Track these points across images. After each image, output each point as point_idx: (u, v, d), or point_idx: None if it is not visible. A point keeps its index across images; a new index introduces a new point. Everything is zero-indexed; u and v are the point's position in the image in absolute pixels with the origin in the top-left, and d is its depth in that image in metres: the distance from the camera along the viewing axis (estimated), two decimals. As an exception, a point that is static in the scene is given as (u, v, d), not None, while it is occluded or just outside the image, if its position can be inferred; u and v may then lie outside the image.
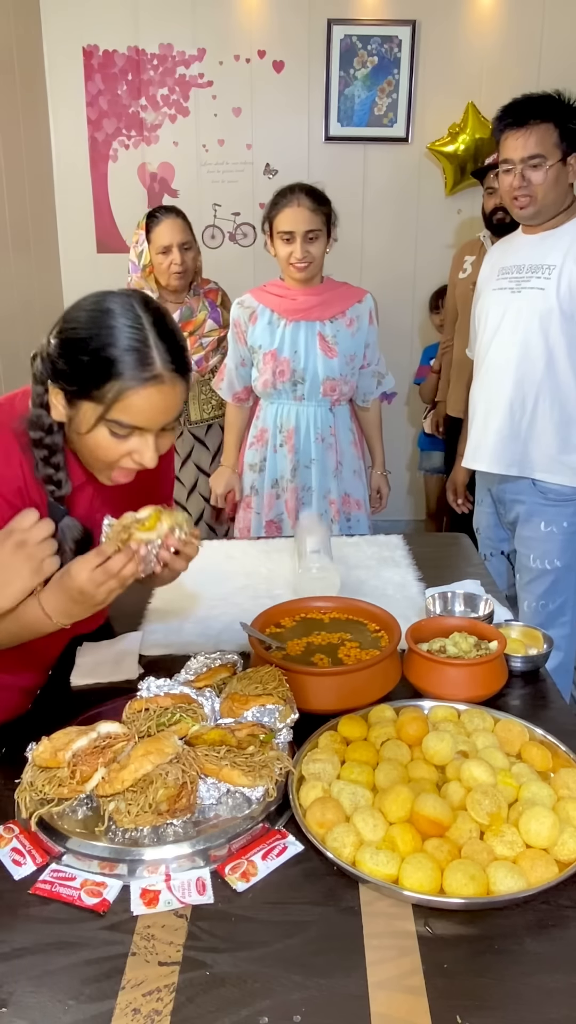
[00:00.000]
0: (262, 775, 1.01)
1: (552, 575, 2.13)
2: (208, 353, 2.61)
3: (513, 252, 2.15)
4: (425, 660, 1.29)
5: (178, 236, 2.49)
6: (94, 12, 3.79)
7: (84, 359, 1.07)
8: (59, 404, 1.13)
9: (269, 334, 2.34)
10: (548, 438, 2.08)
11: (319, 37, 3.81)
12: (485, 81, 3.86)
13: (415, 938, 0.86)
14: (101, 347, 1.06)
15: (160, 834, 0.97)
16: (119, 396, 1.07)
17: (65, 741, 1.03)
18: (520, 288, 2.08)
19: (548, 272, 2.03)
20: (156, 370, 1.07)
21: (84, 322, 1.09)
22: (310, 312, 2.31)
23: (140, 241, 2.55)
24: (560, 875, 0.92)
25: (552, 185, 1.98)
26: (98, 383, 1.07)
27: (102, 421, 1.09)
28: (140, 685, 1.16)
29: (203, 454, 2.67)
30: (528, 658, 1.39)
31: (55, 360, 1.10)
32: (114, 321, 1.07)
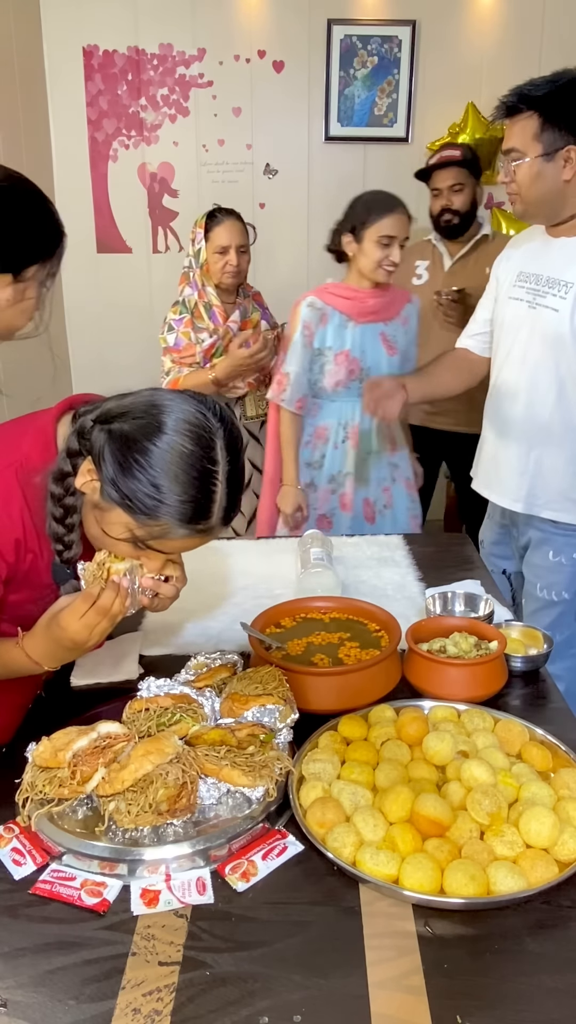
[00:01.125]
0: (262, 775, 1.01)
1: (559, 607, 2.00)
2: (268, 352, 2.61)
3: (533, 255, 1.96)
4: (425, 660, 1.29)
5: (236, 238, 2.52)
6: (94, 12, 3.78)
7: (139, 487, 1.00)
8: (91, 485, 1.05)
9: (340, 335, 2.41)
10: (557, 475, 1.92)
11: (319, 37, 3.80)
12: (485, 81, 3.86)
13: (415, 938, 0.86)
14: (162, 487, 0.99)
15: (160, 834, 0.97)
16: (163, 535, 1.03)
17: (65, 741, 1.03)
18: (535, 303, 1.90)
19: (564, 290, 1.84)
20: (211, 524, 1.04)
21: (152, 447, 0.99)
22: (378, 314, 2.42)
23: (198, 239, 2.56)
24: (560, 875, 0.92)
25: (531, 182, 1.78)
26: (145, 513, 1.01)
27: (131, 535, 1.04)
28: (140, 685, 1.16)
29: (258, 451, 2.66)
30: (528, 658, 1.39)
31: (105, 452, 1.02)
32: (189, 467, 1.00)
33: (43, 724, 1.12)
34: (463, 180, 2.86)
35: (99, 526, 1.07)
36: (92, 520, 1.09)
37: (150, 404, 1.03)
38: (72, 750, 1.01)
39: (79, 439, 1.06)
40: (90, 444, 1.04)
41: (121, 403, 1.05)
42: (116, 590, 1.06)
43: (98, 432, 1.03)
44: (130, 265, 4.06)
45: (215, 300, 2.57)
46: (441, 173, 2.89)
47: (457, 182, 2.85)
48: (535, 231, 2.00)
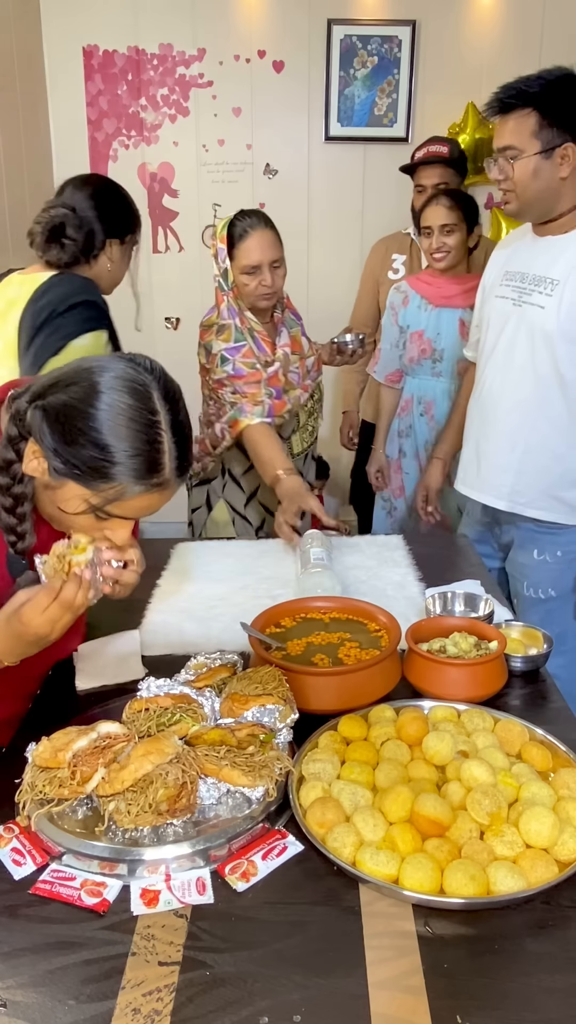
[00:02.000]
0: (262, 775, 1.01)
1: (547, 605, 2.01)
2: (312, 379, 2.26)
3: (520, 255, 1.96)
4: (425, 660, 1.29)
5: (269, 252, 2.00)
6: (94, 12, 3.78)
7: (86, 452, 1.00)
8: (39, 466, 1.04)
9: (417, 316, 2.61)
10: (540, 472, 1.91)
11: (319, 37, 3.80)
12: (485, 81, 3.86)
13: (415, 938, 0.86)
14: (110, 447, 0.99)
15: (160, 834, 0.97)
16: (119, 497, 1.02)
17: (65, 741, 1.03)
18: (521, 301, 1.89)
19: (550, 288, 1.82)
20: (164, 477, 1.04)
21: (92, 411, 0.99)
22: (453, 299, 2.53)
23: (223, 257, 2.05)
24: (560, 875, 0.92)
25: (529, 180, 1.75)
26: (98, 478, 1.01)
27: (87, 505, 1.04)
28: (140, 685, 1.16)
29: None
30: (528, 658, 1.39)
31: (45, 429, 1.01)
32: (130, 421, 1.00)
33: (43, 724, 1.13)
34: (448, 179, 2.83)
35: (55, 505, 1.06)
36: (47, 502, 1.08)
37: (79, 369, 1.03)
38: (72, 750, 1.01)
39: (16, 423, 1.05)
40: (28, 425, 1.04)
41: (50, 376, 1.05)
42: (78, 583, 1.05)
43: (32, 411, 1.03)
44: (130, 265, 4.06)
45: (257, 326, 2.10)
46: (427, 170, 2.85)
47: (443, 181, 2.82)
48: (520, 232, 2.01)
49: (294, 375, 2.16)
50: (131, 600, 1.62)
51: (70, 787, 0.99)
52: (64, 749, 1.01)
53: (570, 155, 1.74)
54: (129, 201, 1.97)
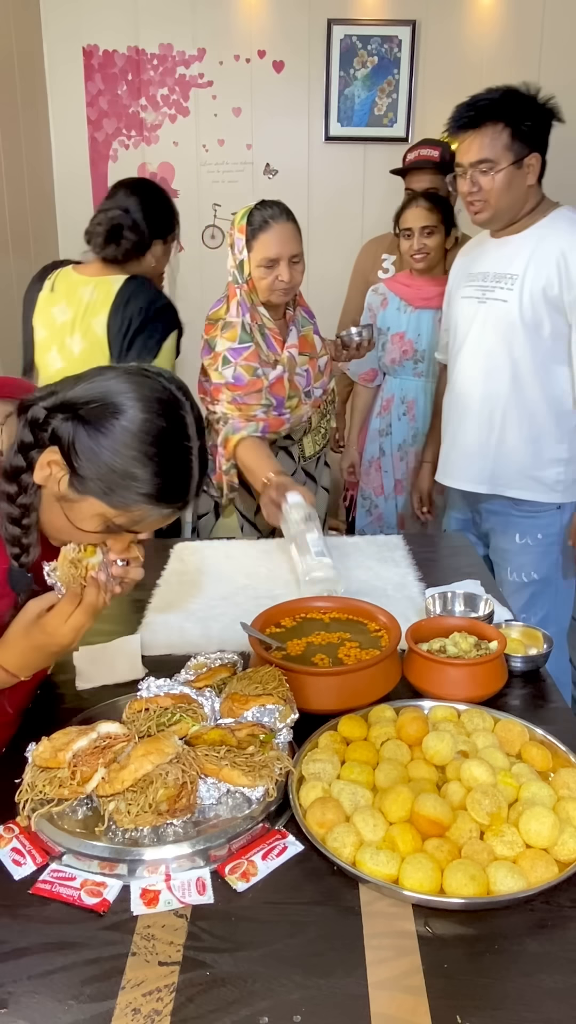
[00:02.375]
0: (262, 775, 1.01)
1: (531, 588, 2.09)
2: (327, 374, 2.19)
3: (480, 257, 2.09)
4: (425, 660, 1.29)
5: (289, 247, 1.93)
6: (94, 12, 3.78)
7: (119, 472, 0.98)
8: (55, 477, 1.01)
9: (397, 318, 2.66)
10: (518, 455, 2.03)
11: (319, 37, 3.80)
12: (485, 81, 3.83)
13: (415, 938, 0.86)
14: (143, 470, 0.98)
15: (160, 834, 0.97)
16: (141, 519, 1.02)
17: (65, 741, 1.02)
18: (485, 298, 2.03)
19: (511, 282, 1.97)
20: (186, 500, 1.04)
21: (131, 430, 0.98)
22: (432, 300, 2.56)
23: (239, 248, 1.97)
24: (560, 875, 0.92)
25: (504, 190, 1.90)
26: (124, 499, 0.99)
27: (108, 523, 1.03)
28: (140, 685, 1.16)
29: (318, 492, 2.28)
30: (528, 658, 1.39)
31: (79, 443, 0.99)
32: (168, 447, 0.99)
33: (43, 724, 1.13)
34: (439, 184, 2.80)
35: (67, 519, 1.04)
36: (56, 514, 1.05)
37: (116, 389, 1.00)
38: (72, 750, 1.01)
39: (34, 431, 1.02)
40: (50, 434, 1.01)
41: (80, 390, 1.02)
42: (97, 586, 1.05)
43: (63, 422, 1.00)
44: (130, 265, 4.05)
45: (268, 323, 2.03)
46: (418, 174, 2.86)
47: (433, 186, 2.81)
48: (479, 239, 2.16)
49: (301, 378, 2.09)
50: (131, 600, 1.63)
51: (70, 787, 0.99)
52: (64, 749, 1.01)
53: (534, 163, 1.92)
54: (171, 203, 2.23)
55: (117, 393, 1.00)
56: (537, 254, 1.93)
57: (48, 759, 1.02)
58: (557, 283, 1.90)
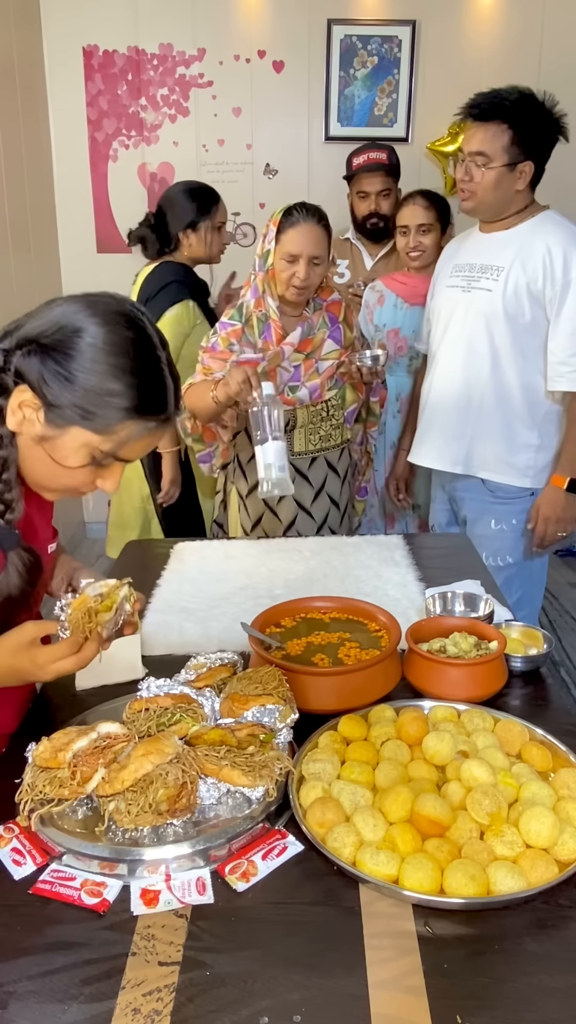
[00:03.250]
0: (262, 775, 1.01)
1: (506, 571, 2.19)
2: (324, 381, 2.15)
3: (467, 249, 2.17)
4: (425, 660, 1.29)
5: (311, 247, 1.98)
6: (94, 12, 3.79)
7: (93, 390, 0.97)
8: (29, 419, 0.99)
9: (393, 315, 2.69)
10: (494, 439, 2.12)
11: (319, 37, 3.81)
12: (485, 81, 3.84)
13: (415, 938, 0.86)
14: (118, 381, 0.97)
15: (160, 834, 0.97)
16: (128, 440, 1.01)
17: (65, 741, 1.02)
18: (470, 287, 2.11)
19: (496, 274, 2.05)
20: (168, 412, 1.04)
21: (96, 345, 0.97)
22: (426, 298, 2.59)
23: (269, 238, 2.04)
24: (560, 875, 0.92)
25: (492, 186, 1.99)
26: (108, 418, 0.98)
27: (95, 453, 1.01)
28: (140, 685, 1.16)
29: (305, 489, 2.23)
30: (528, 658, 1.39)
31: (44, 372, 0.97)
32: (136, 355, 0.99)
33: (43, 724, 1.12)
34: (390, 186, 2.90)
35: (51, 460, 1.02)
36: (38, 460, 1.03)
37: (71, 311, 0.99)
38: (72, 750, 1.01)
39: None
40: (15, 374, 0.99)
41: (35, 323, 1.00)
42: (98, 643, 1.06)
43: (25, 358, 0.98)
44: (130, 265, 4.04)
45: (273, 314, 2.06)
46: (369, 177, 2.89)
47: (385, 188, 2.88)
48: (466, 233, 2.23)
49: (286, 372, 2.11)
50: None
51: (70, 787, 0.99)
52: (64, 749, 1.01)
53: (527, 171, 1.99)
54: (194, 195, 2.59)
55: (73, 315, 0.99)
56: (523, 249, 2.02)
57: (48, 759, 1.02)
58: (541, 278, 1.99)
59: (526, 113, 1.94)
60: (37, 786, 1.00)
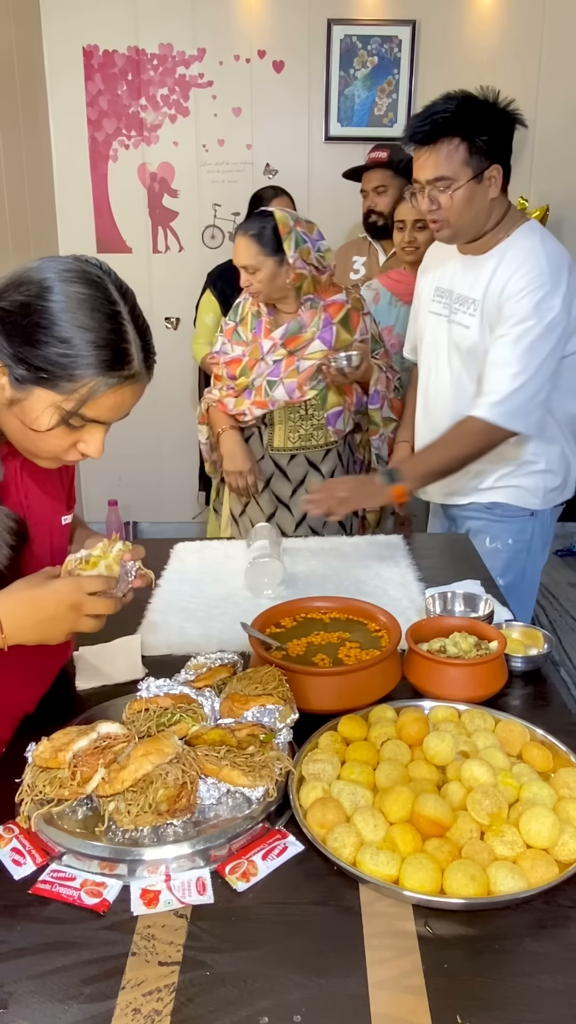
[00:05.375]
0: (262, 775, 1.01)
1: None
2: (304, 380, 2.19)
3: (448, 272, 2.02)
4: (425, 660, 1.29)
5: (240, 258, 2.15)
6: (94, 12, 3.79)
7: (51, 349, 0.96)
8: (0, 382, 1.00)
9: (387, 312, 2.72)
10: (488, 472, 2.03)
11: (319, 37, 3.81)
12: (485, 81, 3.85)
13: (415, 938, 0.86)
14: (73, 338, 0.96)
15: (160, 834, 0.97)
16: (90, 396, 0.99)
17: (65, 741, 1.02)
18: (451, 319, 1.99)
19: (472, 308, 1.92)
20: (133, 368, 1.02)
21: (50, 304, 0.97)
22: None
23: None
24: (560, 875, 0.92)
25: (464, 207, 1.80)
26: (66, 377, 0.97)
27: (60, 412, 1.00)
28: (140, 685, 1.16)
29: (283, 484, 2.31)
30: (528, 658, 1.39)
31: (3, 342, 0.98)
32: (91, 311, 0.98)
33: (43, 724, 1.13)
34: (387, 182, 2.92)
35: (23, 425, 1.02)
36: (13, 424, 1.04)
37: (27, 271, 1.00)
38: (72, 750, 1.01)
39: None
40: None
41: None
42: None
43: None
44: (130, 265, 4.06)
45: (263, 312, 2.22)
46: (368, 174, 2.96)
47: (381, 184, 2.91)
48: (447, 250, 2.03)
49: (265, 365, 2.20)
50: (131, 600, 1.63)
51: (70, 787, 0.99)
52: (64, 749, 1.01)
53: (496, 176, 1.81)
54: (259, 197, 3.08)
55: (29, 275, 0.99)
56: (493, 277, 1.87)
57: (48, 759, 1.02)
58: (498, 307, 1.86)
59: (473, 117, 1.77)
60: (37, 786, 1.00)
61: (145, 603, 1.66)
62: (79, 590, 1.05)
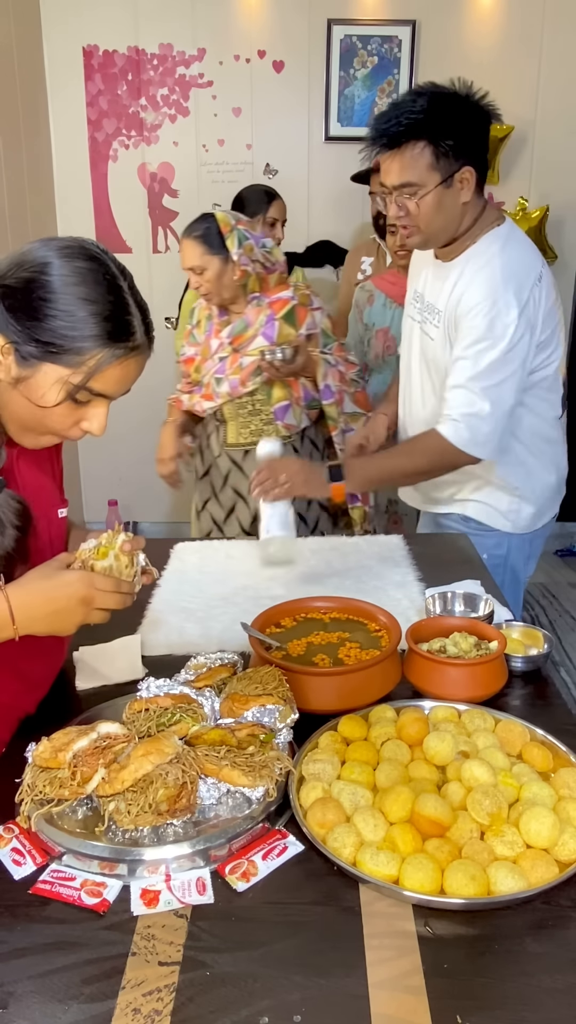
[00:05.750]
0: (262, 775, 1.01)
1: None
2: (246, 376, 2.24)
3: (424, 277, 1.94)
4: (425, 660, 1.29)
5: (185, 261, 2.20)
6: (94, 12, 3.79)
7: (57, 322, 0.98)
8: (4, 361, 1.01)
9: (382, 314, 2.74)
10: (462, 483, 1.99)
11: (319, 37, 3.81)
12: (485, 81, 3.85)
13: (415, 938, 0.86)
14: (79, 311, 0.98)
15: (160, 834, 0.97)
16: (98, 368, 1.01)
17: (65, 741, 1.03)
18: (423, 327, 1.93)
19: (437, 320, 1.85)
20: (137, 340, 1.04)
21: (53, 279, 0.99)
22: None
23: None
24: (560, 875, 0.92)
25: (433, 213, 1.69)
26: (73, 351, 0.99)
27: (68, 387, 1.01)
28: (140, 685, 1.16)
29: (241, 479, 2.36)
30: (528, 658, 1.39)
31: (6, 313, 0.99)
32: (94, 283, 1.00)
33: (43, 724, 1.13)
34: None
35: (29, 402, 1.03)
36: (18, 405, 1.05)
37: (27, 250, 1.02)
38: (72, 750, 1.01)
39: None
40: None
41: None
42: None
43: None
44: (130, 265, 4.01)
45: (214, 312, 2.30)
46: (376, 176, 2.91)
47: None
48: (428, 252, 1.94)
49: (212, 363, 2.26)
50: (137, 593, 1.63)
51: (70, 787, 0.99)
52: (64, 749, 1.01)
53: (468, 177, 1.69)
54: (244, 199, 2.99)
55: (32, 253, 1.01)
56: (454, 292, 1.78)
57: (48, 759, 1.02)
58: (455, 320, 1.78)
59: (441, 117, 1.64)
60: (37, 786, 1.00)
61: (145, 603, 1.66)
62: (90, 585, 1.06)
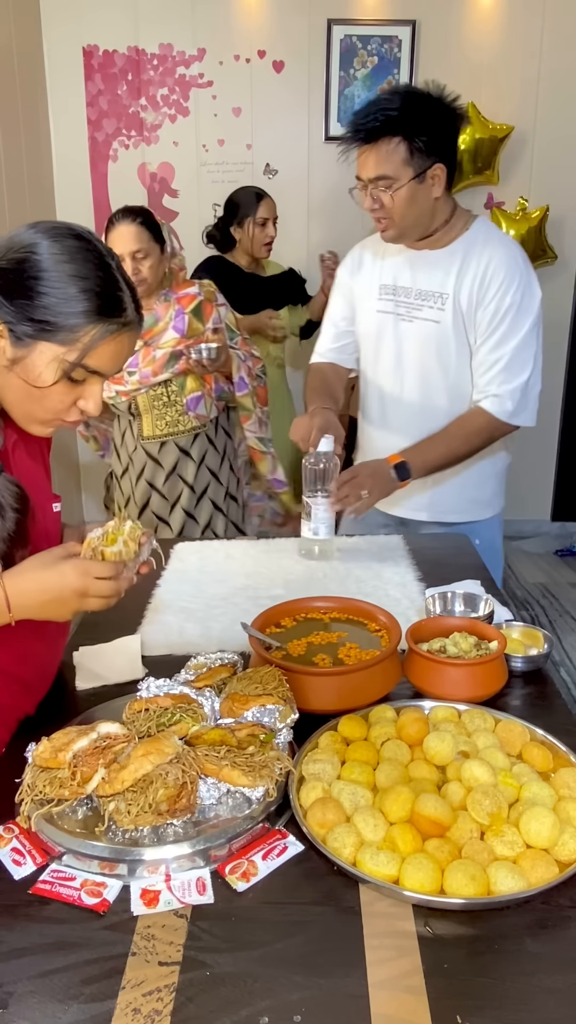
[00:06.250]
0: (262, 775, 1.01)
1: None
2: (159, 367, 2.31)
3: (395, 269, 1.95)
4: (425, 660, 1.29)
5: (129, 245, 2.21)
6: (94, 12, 3.79)
7: (49, 299, 0.99)
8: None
9: None
10: (457, 481, 2.00)
11: (319, 37, 3.81)
12: (485, 81, 3.86)
13: (415, 938, 0.86)
14: (70, 287, 1.00)
15: (160, 834, 0.97)
16: (92, 344, 1.02)
17: (65, 741, 1.03)
18: (412, 317, 1.92)
19: (442, 302, 1.87)
20: (128, 316, 1.05)
21: (43, 258, 1.00)
22: None
23: None
24: (560, 875, 0.92)
25: (406, 206, 1.76)
26: (70, 327, 1.00)
27: (64, 365, 1.02)
28: (140, 685, 1.16)
29: (157, 472, 2.42)
30: (528, 658, 1.39)
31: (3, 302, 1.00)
32: (83, 261, 1.01)
33: (43, 724, 1.12)
34: None
35: (25, 384, 1.03)
36: (14, 387, 1.05)
37: (16, 234, 1.04)
38: (72, 750, 1.01)
39: None
40: None
41: None
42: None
43: None
44: (130, 265, 4.06)
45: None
46: None
47: None
48: (386, 247, 1.96)
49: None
50: (131, 600, 1.63)
51: (70, 787, 0.99)
52: (64, 749, 1.01)
53: (440, 174, 1.76)
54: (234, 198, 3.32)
55: (20, 236, 1.03)
56: (464, 270, 1.85)
57: (48, 759, 1.02)
58: (477, 301, 1.84)
59: (416, 115, 1.71)
60: (37, 786, 1.00)
61: (145, 603, 1.66)
62: (86, 574, 1.06)
